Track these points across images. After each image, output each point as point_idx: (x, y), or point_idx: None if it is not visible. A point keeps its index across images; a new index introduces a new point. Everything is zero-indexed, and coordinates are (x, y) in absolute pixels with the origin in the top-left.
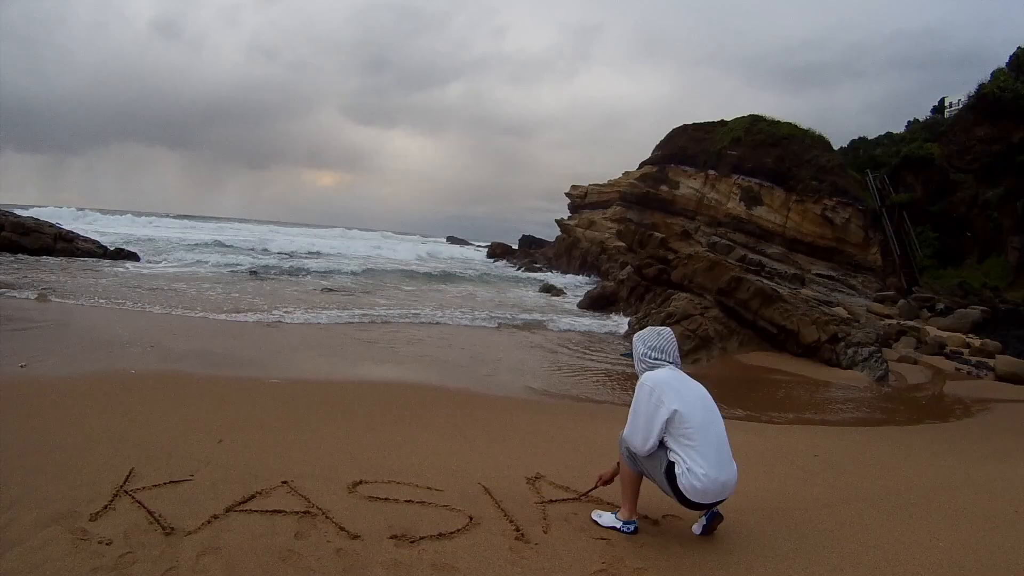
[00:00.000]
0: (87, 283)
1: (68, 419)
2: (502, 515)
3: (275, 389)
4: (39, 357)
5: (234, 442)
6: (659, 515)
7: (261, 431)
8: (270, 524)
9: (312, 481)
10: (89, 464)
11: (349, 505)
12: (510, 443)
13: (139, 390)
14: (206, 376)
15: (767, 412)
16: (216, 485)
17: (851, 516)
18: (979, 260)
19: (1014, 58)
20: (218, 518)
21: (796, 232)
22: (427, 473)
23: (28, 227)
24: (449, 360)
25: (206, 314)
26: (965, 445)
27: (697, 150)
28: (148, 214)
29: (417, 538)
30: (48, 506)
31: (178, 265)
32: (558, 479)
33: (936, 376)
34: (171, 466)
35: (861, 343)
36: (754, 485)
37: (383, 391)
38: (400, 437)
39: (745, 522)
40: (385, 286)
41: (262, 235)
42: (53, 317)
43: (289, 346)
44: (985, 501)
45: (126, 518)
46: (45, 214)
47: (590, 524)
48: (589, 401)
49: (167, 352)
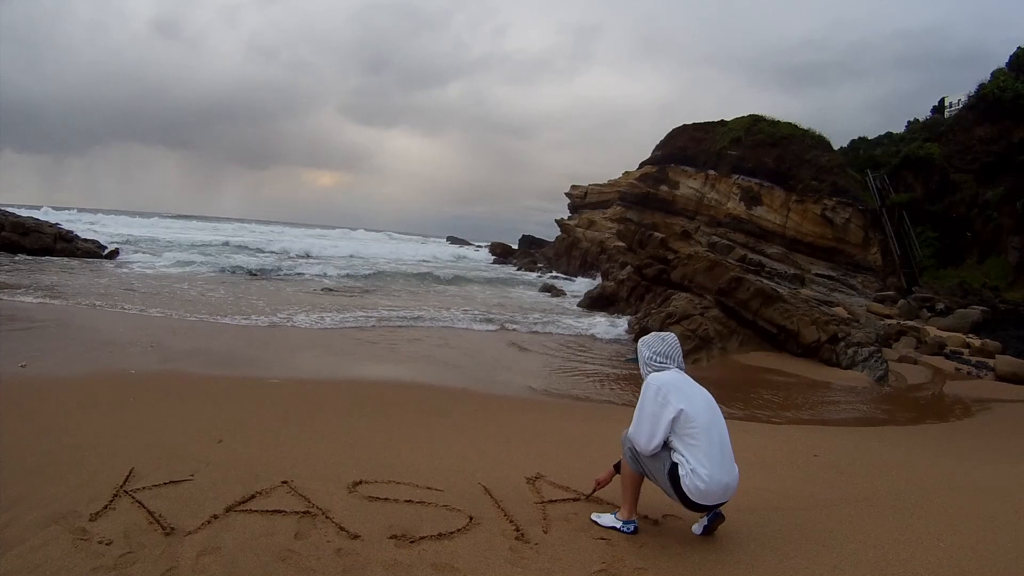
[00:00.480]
0: (87, 283)
1: (68, 419)
2: (502, 515)
3: (275, 389)
4: (39, 357)
5: (234, 442)
6: (659, 515)
7: (261, 431)
8: (270, 524)
9: (312, 481)
10: (89, 464)
11: (349, 505)
12: (510, 443)
13: (139, 390)
14: (206, 376)
15: (767, 412)
16: (216, 485)
17: (851, 516)
18: (979, 260)
19: (1014, 58)
20: (218, 518)
21: (796, 232)
22: (427, 473)
23: (28, 227)
24: (449, 361)
25: (206, 316)
26: (965, 445)
27: (697, 150)
28: (148, 214)
29: (417, 538)
30: (48, 506)
31: (179, 265)
32: (558, 479)
33: (936, 376)
34: (171, 466)
35: (861, 343)
36: (754, 485)
37: (383, 391)
38: (400, 437)
39: (745, 522)
40: (388, 287)
41: (265, 235)
42: (53, 317)
43: (289, 346)
44: (985, 501)
45: (126, 518)
46: (40, 215)
47: (590, 524)
48: (589, 401)
49: (167, 352)
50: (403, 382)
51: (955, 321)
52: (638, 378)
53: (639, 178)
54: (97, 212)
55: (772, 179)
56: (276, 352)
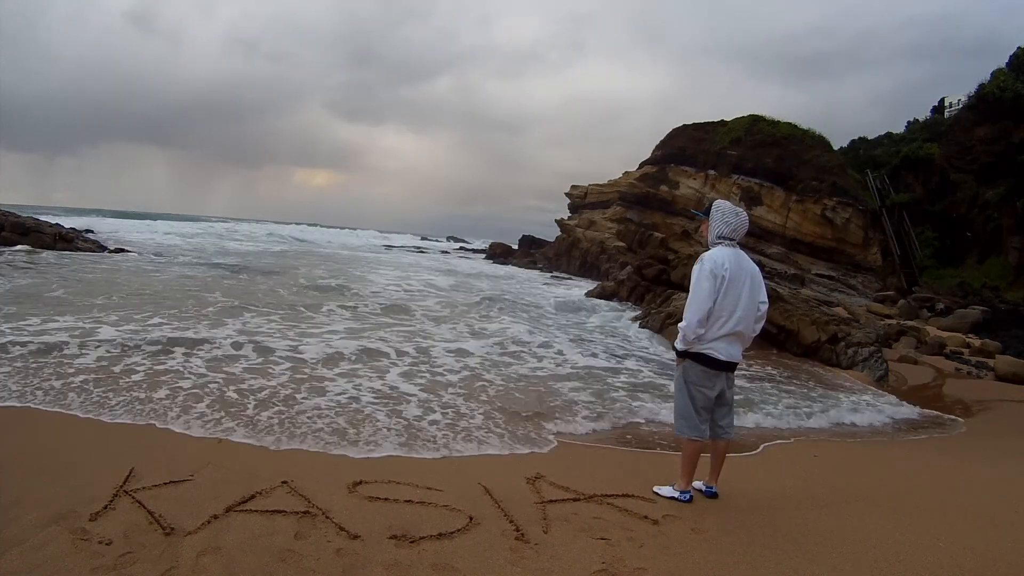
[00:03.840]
0: (88, 282)
1: (68, 419)
2: (502, 515)
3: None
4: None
5: (234, 442)
6: (659, 515)
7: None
8: (270, 524)
9: (312, 481)
10: (89, 464)
11: (349, 505)
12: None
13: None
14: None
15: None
16: (216, 485)
17: (851, 516)
18: (979, 260)
19: (1014, 58)
20: (218, 518)
21: (796, 232)
22: (427, 473)
23: (28, 227)
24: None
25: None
26: (965, 445)
27: (697, 150)
28: (141, 215)
29: (417, 538)
30: (48, 506)
31: (183, 264)
32: (558, 479)
33: (936, 376)
34: (171, 466)
35: (861, 343)
36: (754, 485)
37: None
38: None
39: (745, 522)
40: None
41: (267, 234)
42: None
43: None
44: (985, 501)
45: (126, 518)
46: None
47: (590, 524)
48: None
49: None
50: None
51: (955, 321)
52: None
53: (639, 178)
54: (87, 213)
55: (772, 179)
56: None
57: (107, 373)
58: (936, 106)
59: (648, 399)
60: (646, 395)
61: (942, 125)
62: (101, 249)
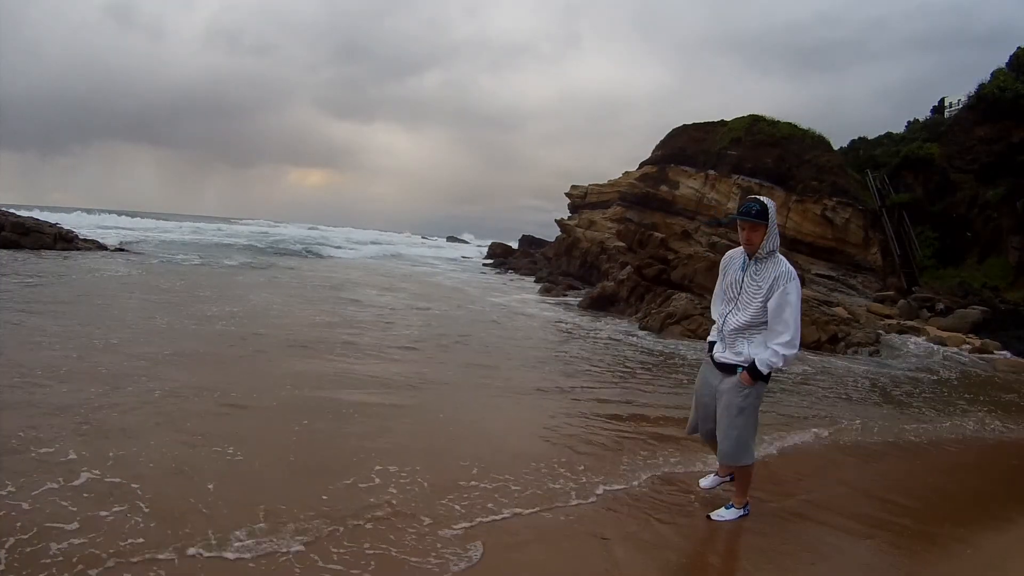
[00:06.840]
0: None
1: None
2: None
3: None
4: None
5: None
6: (659, 515)
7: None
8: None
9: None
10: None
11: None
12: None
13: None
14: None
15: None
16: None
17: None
18: (979, 260)
19: (1014, 58)
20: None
21: (796, 232)
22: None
23: (28, 227)
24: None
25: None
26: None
27: (697, 150)
28: (135, 214)
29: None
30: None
31: (183, 262)
32: None
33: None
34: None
35: (861, 343)
36: (753, 485)
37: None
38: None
39: (745, 522)
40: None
41: (270, 233)
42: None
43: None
44: (985, 501)
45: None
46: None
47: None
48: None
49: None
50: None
51: (955, 321)
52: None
53: (639, 178)
54: (74, 211)
55: (772, 179)
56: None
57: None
58: (936, 106)
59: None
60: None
61: (942, 125)
62: (101, 249)
